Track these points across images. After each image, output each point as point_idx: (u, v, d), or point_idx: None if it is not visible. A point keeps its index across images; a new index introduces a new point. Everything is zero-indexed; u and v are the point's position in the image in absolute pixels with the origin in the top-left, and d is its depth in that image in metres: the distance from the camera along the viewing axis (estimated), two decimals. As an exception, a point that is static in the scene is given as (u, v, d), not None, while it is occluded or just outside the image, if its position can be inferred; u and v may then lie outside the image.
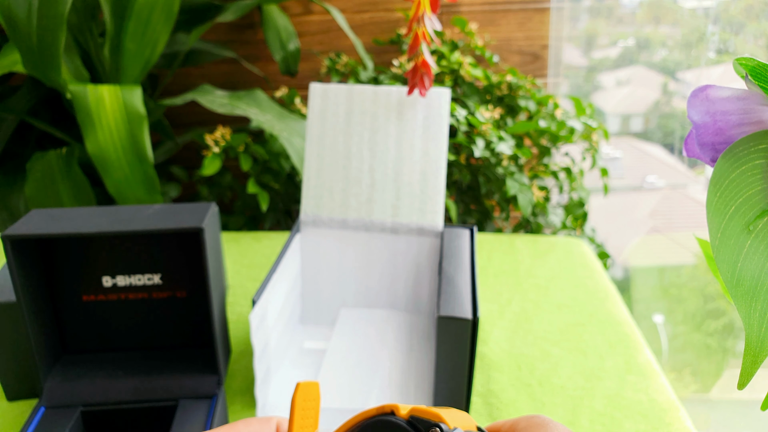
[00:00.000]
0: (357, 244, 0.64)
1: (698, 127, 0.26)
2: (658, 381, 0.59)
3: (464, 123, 1.05)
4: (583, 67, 1.56)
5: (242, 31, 1.36)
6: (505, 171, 1.06)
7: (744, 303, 0.22)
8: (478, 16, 1.32)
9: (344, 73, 1.23)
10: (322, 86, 0.63)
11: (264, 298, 0.52)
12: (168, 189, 1.20)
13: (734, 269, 0.22)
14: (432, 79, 0.61)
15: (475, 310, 0.49)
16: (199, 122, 1.34)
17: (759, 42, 1.16)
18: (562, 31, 1.34)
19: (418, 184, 0.62)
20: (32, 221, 0.49)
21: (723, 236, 0.23)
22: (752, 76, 0.24)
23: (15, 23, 0.82)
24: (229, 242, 0.89)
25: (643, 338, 0.67)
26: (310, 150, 0.63)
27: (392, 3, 1.32)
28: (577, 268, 0.81)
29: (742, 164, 0.24)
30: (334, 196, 0.63)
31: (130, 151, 0.86)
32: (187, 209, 0.52)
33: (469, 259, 0.58)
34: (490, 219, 1.13)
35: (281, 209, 1.17)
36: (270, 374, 0.56)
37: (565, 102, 1.31)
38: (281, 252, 0.59)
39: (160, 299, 0.54)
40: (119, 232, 0.48)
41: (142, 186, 0.87)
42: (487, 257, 0.84)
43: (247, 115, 1.02)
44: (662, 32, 1.48)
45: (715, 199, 0.24)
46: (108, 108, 0.86)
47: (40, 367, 0.50)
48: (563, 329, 0.68)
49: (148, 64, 1.00)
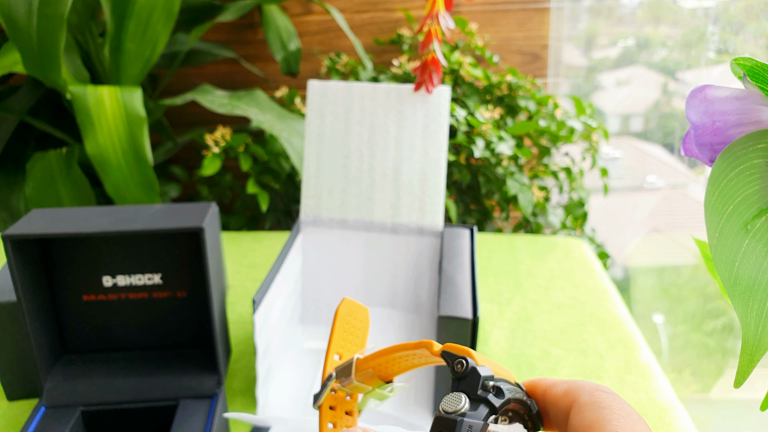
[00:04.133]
0: (357, 244, 0.64)
1: (696, 127, 0.26)
2: (658, 381, 0.59)
3: (464, 123, 1.05)
4: (583, 67, 1.56)
5: (242, 31, 1.36)
6: (505, 171, 1.06)
7: (741, 302, 0.22)
8: (478, 16, 1.32)
9: (344, 73, 1.23)
10: (321, 84, 0.63)
11: (267, 298, 0.52)
12: (168, 189, 1.20)
13: (732, 269, 0.22)
14: (440, 77, 0.61)
15: (475, 310, 0.49)
16: (199, 122, 1.34)
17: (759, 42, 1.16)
18: (562, 31, 1.34)
19: (418, 183, 0.62)
20: (32, 221, 0.49)
21: (721, 236, 0.23)
22: (750, 77, 0.24)
23: (15, 23, 0.82)
24: (229, 242, 0.90)
25: (643, 338, 0.67)
26: (309, 149, 0.63)
27: (392, 3, 1.32)
28: (577, 268, 0.81)
29: (741, 164, 0.24)
30: (334, 196, 0.63)
31: (130, 152, 0.86)
32: (187, 209, 0.52)
33: (469, 259, 0.58)
34: (490, 219, 1.13)
35: (281, 209, 1.17)
36: (270, 374, 0.56)
37: (565, 102, 1.31)
38: (282, 252, 0.59)
39: (161, 299, 0.54)
40: (119, 232, 0.48)
41: (140, 187, 0.87)
42: (487, 257, 0.85)
43: (247, 115, 1.02)
44: (662, 32, 1.48)
45: (713, 198, 0.24)
46: (108, 109, 0.86)
47: (40, 367, 0.50)
48: (563, 329, 0.68)
49: (148, 64, 1.00)
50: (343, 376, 0.29)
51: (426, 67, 0.61)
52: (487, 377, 0.22)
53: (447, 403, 0.22)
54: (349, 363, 0.29)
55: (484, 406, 0.22)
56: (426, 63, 0.61)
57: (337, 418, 0.30)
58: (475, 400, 0.22)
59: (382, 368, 0.28)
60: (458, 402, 0.22)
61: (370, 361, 0.28)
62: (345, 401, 0.30)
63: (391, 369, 0.28)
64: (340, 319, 0.31)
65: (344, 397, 0.30)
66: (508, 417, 0.23)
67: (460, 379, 0.23)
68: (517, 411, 0.24)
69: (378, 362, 0.28)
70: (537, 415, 0.24)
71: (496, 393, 0.22)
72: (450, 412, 0.21)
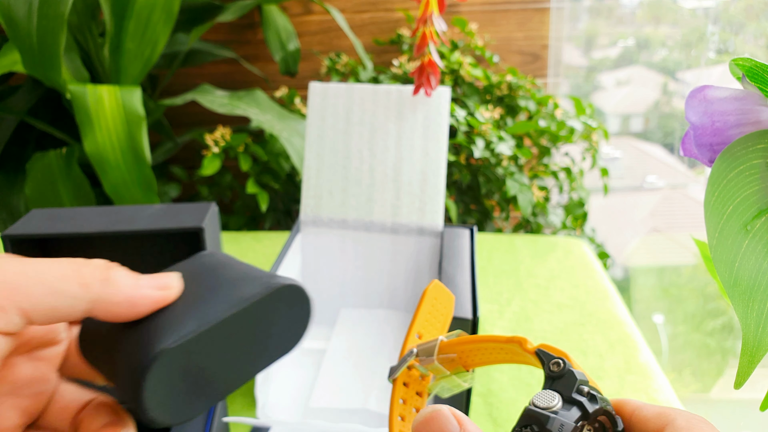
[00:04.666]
0: (357, 244, 0.64)
1: (696, 127, 0.26)
2: (658, 381, 0.59)
3: (464, 123, 1.05)
4: (583, 67, 1.56)
5: (242, 31, 1.36)
6: (505, 171, 1.06)
7: (741, 302, 0.22)
8: (478, 16, 1.32)
9: (344, 73, 1.23)
10: (322, 85, 0.63)
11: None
12: (168, 189, 1.20)
13: (732, 269, 0.22)
14: (438, 79, 0.61)
15: (475, 310, 0.49)
16: (199, 122, 1.34)
17: (759, 42, 1.16)
18: (562, 31, 1.34)
19: (418, 183, 0.62)
20: (32, 221, 0.49)
21: (721, 236, 0.23)
22: (749, 77, 0.24)
23: (15, 23, 0.82)
24: (229, 242, 0.90)
25: (643, 338, 0.67)
26: (309, 149, 0.63)
27: (392, 3, 1.32)
28: (577, 268, 0.81)
29: (740, 164, 0.24)
30: (334, 195, 0.63)
31: (128, 152, 0.86)
32: (187, 209, 0.52)
33: (469, 259, 0.58)
34: (490, 219, 1.13)
35: (281, 209, 1.17)
36: (270, 374, 0.56)
37: (565, 102, 1.31)
38: (281, 252, 0.59)
39: (160, 299, 0.54)
40: (119, 232, 0.48)
41: (139, 187, 0.87)
42: (487, 257, 0.85)
43: (247, 115, 1.02)
44: (662, 32, 1.48)
45: (713, 199, 0.24)
46: (107, 109, 0.86)
47: (40, 366, 0.50)
48: (563, 329, 0.68)
49: (148, 64, 1.00)
50: (425, 355, 0.29)
51: (423, 70, 0.61)
52: (583, 382, 0.22)
53: (540, 399, 0.21)
54: (434, 343, 0.29)
55: (577, 409, 0.21)
56: (423, 66, 0.61)
57: (408, 396, 0.30)
58: (568, 401, 0.22)
59: (464, 356, 0.28)
60: (552, 399, 0.21)
61: (455, 345, 0.28)
62: (418, 381, 0.30)
63: (474, 359, 0.28)
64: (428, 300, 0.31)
65: (417, 377, 0.30)
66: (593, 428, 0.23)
67: (555, 378, 0.23)
68: (603, 424, 0.23)
69: (462, 348, 0.28)
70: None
71: (590, 399, 0.22)
72: (542, 408, 0.21)
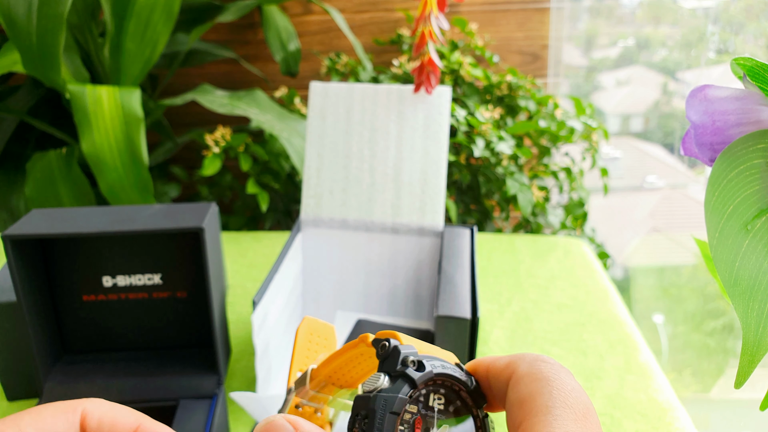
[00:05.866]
0: (357, 244, 0.64)
1: (696, 127, 0.26)
2: (658, 381, 0.59)
3: (464, 123, 1.05)
4: (583, 67, 1.56)
5: (242, 31, 1.36)
6: (505, 171, 1.06)
7: (741, 302, 0.22)
8: (478, 16, 1.32)
9: (344, 73, 1.23)
10: (323, 85, 0.63)
11: (266, 298, 0.52)
12: (168, 189, 1.20)
13: (732, 269, 0.22)
14: (438, 78, 0.61)
15: (474, 310, 0.49)
16: (199, 122, 1.34)
17: (759, 42, 1.16)
18: (562, 31, 1.34)
19: (418, 183, 0.62)
20: (32, 221, 0.49)
21: (721, 236, 0.23)
22: (750, 77, 0.24)
23: (15, 23, 0.82)
24: (229, 242, 0.90)
25: (643, 338, 0.67)
26: (310, 149, 0.63)
27: (392, 3, 1.32)
28: (577, 268, 0.81)
29: (741, 164, 0.24)
30: (334, 196, 0.63)
31: (126, 153, 0.86)
32: (187, 209, 0.52)
33: (469, 259, 0.58)
34: (490, 219, 1.13)
35: (281, 209, 1.17)
36: (270, 374, 0.56)
37: (565, 102, 1.31)
38: (282, 252, 0.59)
39: (160, 299, 0.54)
40: (119, 232, 0.48)
41: (135, 188, 0.87)
42: (487, 257, 0.85)
43: (247, 115, 1.02)
44: (662, 32, 1.48)
45: (713, 198, 0.24)
46: (105, 109, 0.86)
47: (40, 367, 0.50)
48: (563, 329, 0.68)
49: (148, 64, 1.00)
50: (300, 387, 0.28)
51: (423, 69, 0.61)
52: (410, 354, 0.22)
53: (366, 384, 0.21)
54: (305, 374, 0.28)
55: (403, 380, 0.21)
56: (422, 65, 0.61)
57: None
58: (394, 376, 0.21)
59: (339, 375, 0.28)
60: (377, 380, 0.21)
61: (323, 368, 0.28)
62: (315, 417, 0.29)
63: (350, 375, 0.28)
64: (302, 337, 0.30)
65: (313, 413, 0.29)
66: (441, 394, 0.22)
67: (384, 360, 0.22)
68: (452, 387, 0.23)
69: (332, 368, 0.27)
70: (477, 392, 0.23)
71: (417, 368, 0.22)
72: (368, 391, 0.21)
